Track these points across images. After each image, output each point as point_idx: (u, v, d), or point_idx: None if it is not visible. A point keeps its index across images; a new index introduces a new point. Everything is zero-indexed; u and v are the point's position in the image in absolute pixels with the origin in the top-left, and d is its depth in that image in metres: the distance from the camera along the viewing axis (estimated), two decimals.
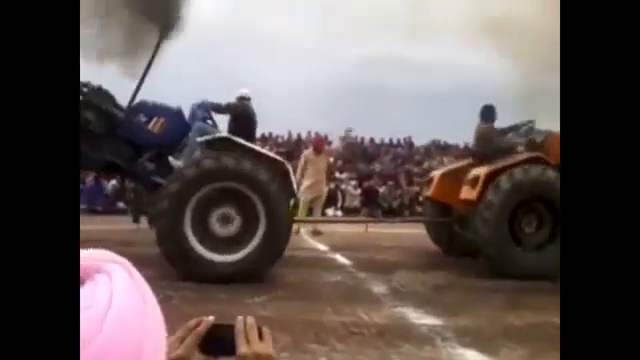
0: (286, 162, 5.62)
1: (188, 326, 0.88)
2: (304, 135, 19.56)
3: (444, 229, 7.06)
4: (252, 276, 4.99)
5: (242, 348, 0.85)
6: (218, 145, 5.36)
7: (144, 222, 6.66)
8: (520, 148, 6.47)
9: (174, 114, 6.04)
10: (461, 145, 22.08)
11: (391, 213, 15.24)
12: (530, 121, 6.80)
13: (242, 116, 5.99)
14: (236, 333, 0.87)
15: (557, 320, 4.13)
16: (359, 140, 21.33)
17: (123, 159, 5.86)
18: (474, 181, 5.70)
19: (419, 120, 25.07)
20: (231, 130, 5.84)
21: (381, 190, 16.33)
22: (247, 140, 5.55)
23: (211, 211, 5.18)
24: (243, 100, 6.20)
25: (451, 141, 22.47)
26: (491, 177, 5.55)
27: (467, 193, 5.79)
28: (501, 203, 5.45)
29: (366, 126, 21.52)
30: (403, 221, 9.13)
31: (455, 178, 6.50)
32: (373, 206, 15.27)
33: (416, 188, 17.26)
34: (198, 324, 0.87)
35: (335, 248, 7.61)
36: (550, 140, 6.12)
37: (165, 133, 5.91)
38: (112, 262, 0.59)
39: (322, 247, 7.88)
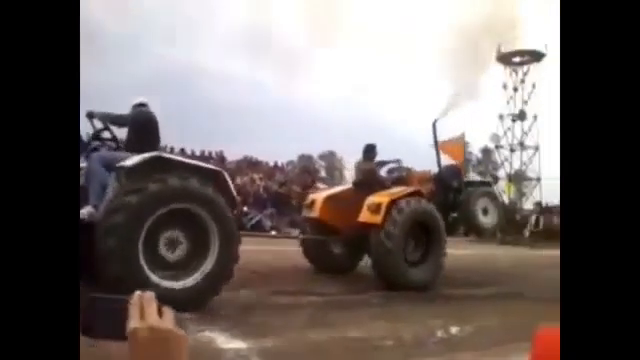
0: (223, 170, 5.27)
1: None
2: None
3: (321, 248, 7.74)
4: (210, 297, 4.83)
5: (133, 322, 0.70)
6: (146, 167, 4.72)
7: None
8: (387, 183, 7.93)
9: None
10: (271, 163, 22.99)
11: None
12: (397, 160, 8.54)
13: (143, 123, 5.37)
14: (130, 307, 0.72)
15: (352, 334, 4.57)
16: (168, 149, 20.43)
17: None
18: (376, 207, 6.79)
19: (232, 134, 25.29)
20: (131, 142, 5.24)
21: None
22: (153, 147, 5.08)
23: (159, 237, 4.67)
24: (141, 107, 5.57)
25: (261, 158, 23.17)
26: (391, 205, 6.81)
27: (371, 217, 6.80)
28: (403, 222, 6.77)
29: (179, 137, 20.80)
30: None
31: (338, 201, 7.60)
32: None
33: None
34: None
35: None
36: (411, 176, 8.20)
37: None
38: None
39: None
